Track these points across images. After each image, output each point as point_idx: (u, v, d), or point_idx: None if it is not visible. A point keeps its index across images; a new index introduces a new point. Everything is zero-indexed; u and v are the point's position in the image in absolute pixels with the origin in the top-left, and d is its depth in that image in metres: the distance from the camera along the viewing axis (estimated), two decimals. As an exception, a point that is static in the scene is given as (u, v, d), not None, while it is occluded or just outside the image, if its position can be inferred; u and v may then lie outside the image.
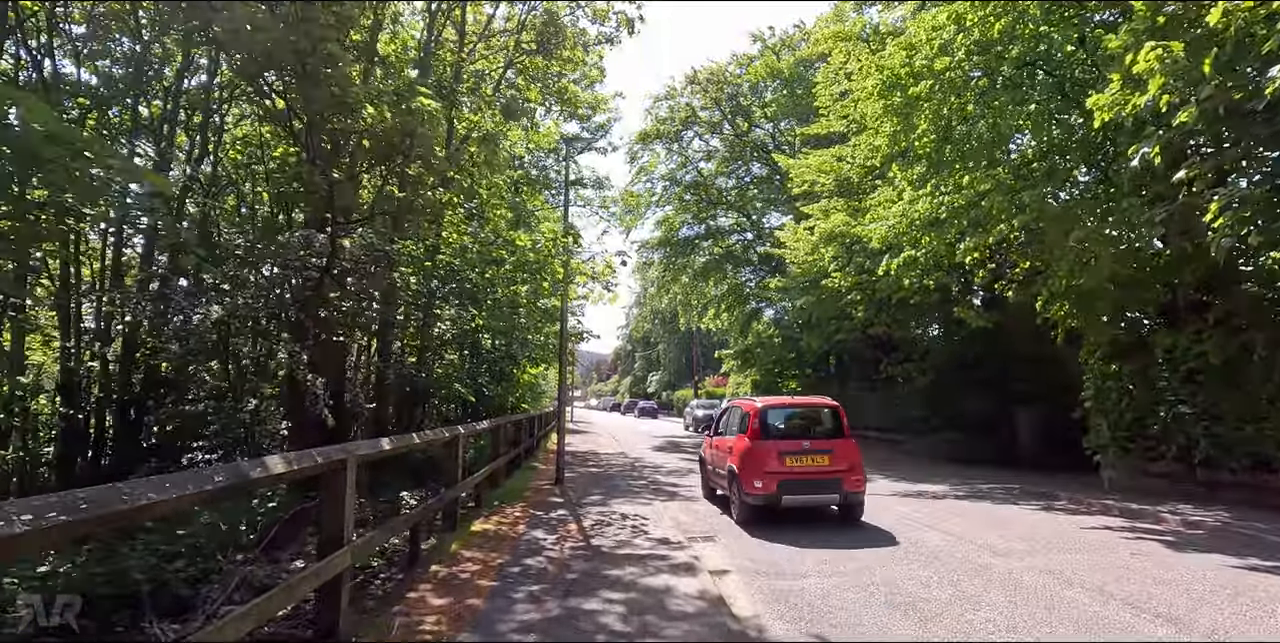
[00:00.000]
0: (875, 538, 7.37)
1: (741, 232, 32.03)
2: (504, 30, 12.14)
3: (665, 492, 10.99)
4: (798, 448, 8.16)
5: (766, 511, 8.04)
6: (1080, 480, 11.87)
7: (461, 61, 10.13)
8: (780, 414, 8.95)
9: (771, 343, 27.09)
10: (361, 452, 4.02)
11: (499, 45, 12.04)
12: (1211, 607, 4.80)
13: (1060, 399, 14.83)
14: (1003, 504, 9.79)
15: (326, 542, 3.74)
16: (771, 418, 8.74)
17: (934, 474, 13.60)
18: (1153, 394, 10.08)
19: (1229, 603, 4.88)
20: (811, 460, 8.09)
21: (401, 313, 10.34)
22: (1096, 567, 6.01)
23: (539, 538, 6.86)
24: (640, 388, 69.49)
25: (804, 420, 9.02)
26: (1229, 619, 4.53)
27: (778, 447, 8.12)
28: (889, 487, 11.78)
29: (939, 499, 10.26)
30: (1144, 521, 8.38)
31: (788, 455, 8.03)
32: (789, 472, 7.94)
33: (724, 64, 29.71)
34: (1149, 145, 7.30)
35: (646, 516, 8.40)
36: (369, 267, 8.00)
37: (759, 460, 8.02)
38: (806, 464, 8.05)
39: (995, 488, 11.45)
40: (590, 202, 25.57)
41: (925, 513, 8.91)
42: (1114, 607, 4.78)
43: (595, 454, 18.12)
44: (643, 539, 6.97)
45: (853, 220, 15.84)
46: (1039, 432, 15.58)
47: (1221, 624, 4.43)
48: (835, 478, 8.02)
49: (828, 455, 8.14)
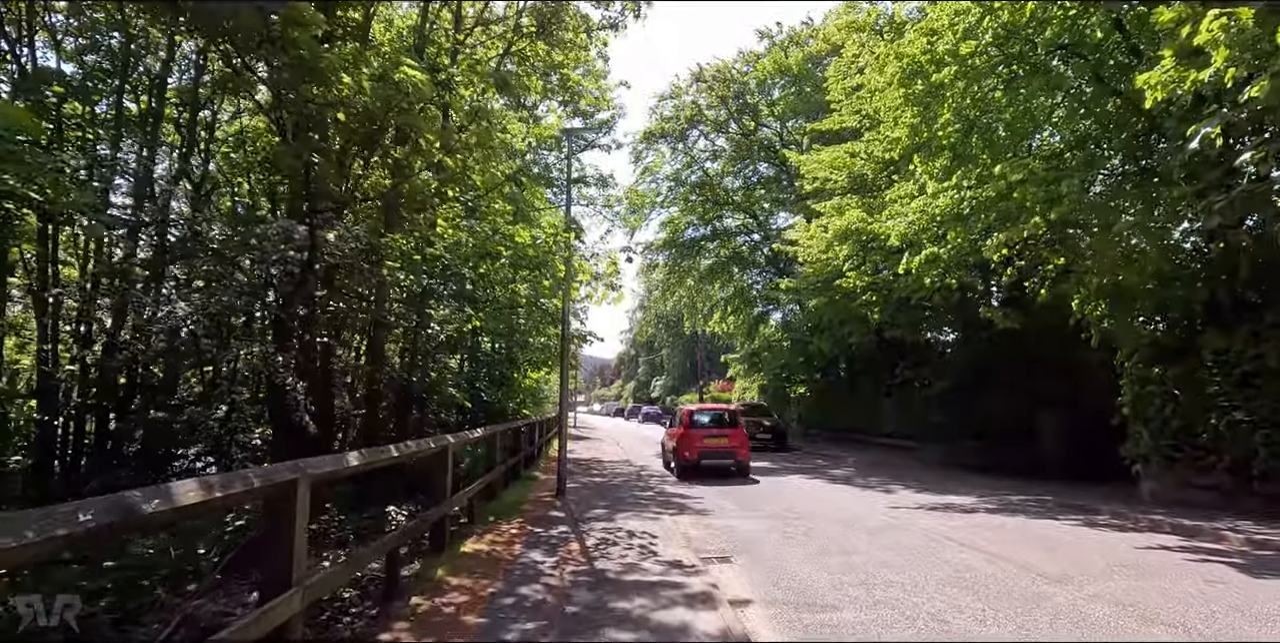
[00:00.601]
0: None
1: (748, 233, 31.35)
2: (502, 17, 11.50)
3: (674, 504, 10.27)
4: (710, 433, 13.97)
5: (693, 469, 13.75)
6: (1116, 492, 11.12)
7: (459, 45, 9.50)
8: (703, 414, 14.91)
9: (779, 347, 26.38)
10: (318, 470, 3.32)
11: (497, 33, 11.40)
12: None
13: (1089, 405, 14.09)
14: (1039, 519, 9.04)
15: (269, 582, 3.05)
16: (696, 416, 14.63)
17: (957, 484, 12.85)
18: (1201, 400, 9.33)
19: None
20: (717, 441, 13.85)
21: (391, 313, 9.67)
22: (1170, 597, 5.28)
23: (537, 562, 6.15)
24: (644, 393, 68.89)
25: (715, 417, 14.86)
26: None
27: (699, 433, 13.94)
28: (912, 498, 11.05)
29: (969, 513, 9.53)
30: (1202, 539, 7.63)
31: (705, 438, 13.82)
32: (705, 446, 13.70)
33: (730, 61, 29.11)
34: (1211, 124, 6.60)
35: (655, 533, 7.68)
36: (356, 262, 7.34)
37: (689, 440, 13.82)
38: (715, 443, 13.78)
39: (1027, 500, 10.70)
40: (594, 201, 24.89)
41: (956, 528, 8.17)
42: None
43: (599, 462, 17.40)
44: (652, 562, 6.26)
45: (869, 217, 15.13)
46: (1066, 439, 14.80)
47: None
48: (731, 450, 13.77)
49: (727, 438, 13.96)
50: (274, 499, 3.03)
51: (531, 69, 11.64)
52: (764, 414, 23.49)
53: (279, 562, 3.02)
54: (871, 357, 22.31)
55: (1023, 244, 10.60)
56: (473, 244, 8.36)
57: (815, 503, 10.51)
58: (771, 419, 22.80)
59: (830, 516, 9.23)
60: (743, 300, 31.55)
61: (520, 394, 20.22)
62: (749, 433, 21.01)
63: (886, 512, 9.60)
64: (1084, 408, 14.17)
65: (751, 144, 29.20)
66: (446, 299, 8.99)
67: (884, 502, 10.68)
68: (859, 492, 11.99)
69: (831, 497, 11.29)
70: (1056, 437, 15.06)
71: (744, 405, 25.38)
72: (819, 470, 15.59)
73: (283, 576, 3.00)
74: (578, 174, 23.17)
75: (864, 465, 16.85)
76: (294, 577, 3.03)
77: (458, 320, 10.41)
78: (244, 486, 2.69)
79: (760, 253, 31.21)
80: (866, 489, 12.32)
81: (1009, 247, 10.52)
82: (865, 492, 11.96)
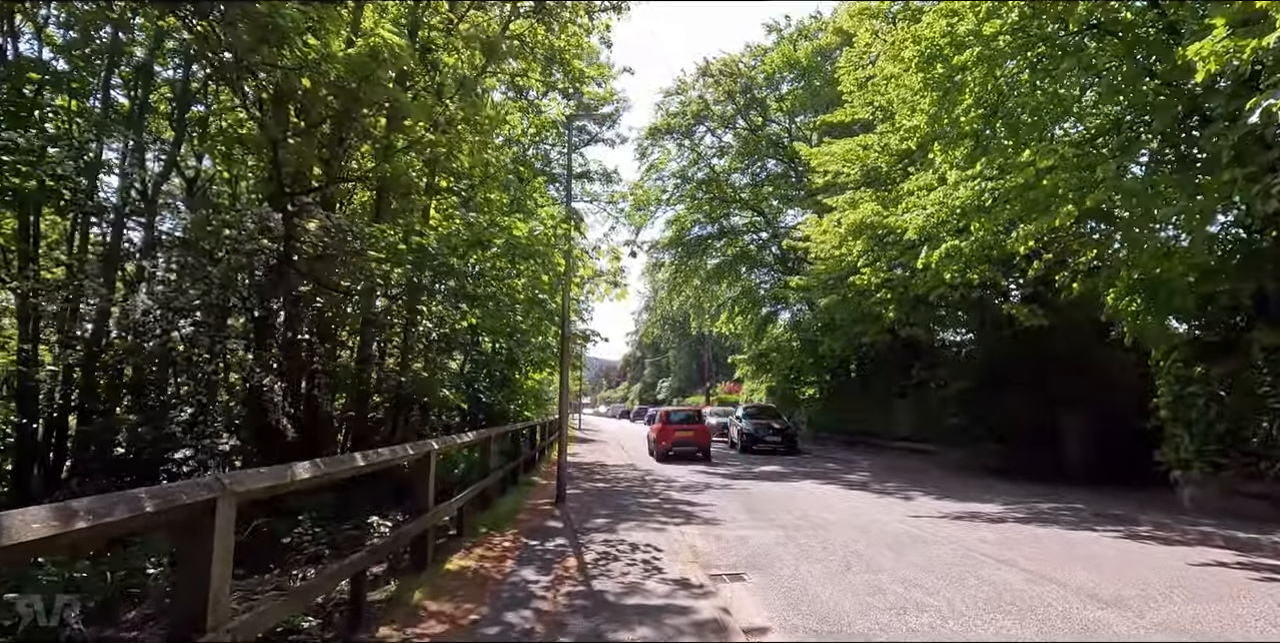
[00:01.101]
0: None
1: (756, 231, 30.71)
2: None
3: (680, 513, 9.65)
4: (681, 428, 18.49)
5: (666, 455, 18.27)
6: (1152, 499, 10.44)
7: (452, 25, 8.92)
8: (675, 414, 20.10)
9: (789, 347, 25.70)
10: (246, 486, 2.73)
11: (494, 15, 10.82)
12: None
13: (1116, 406, 13.40)
14: (1076, 530, 8.38)
15: (179, 622, 2.46)
16: (671, 415, 19.76)
17: (979, 490, 12.18)
18: (1250, 401, 8.64)
19: None
20: (686, 433, 18.38)
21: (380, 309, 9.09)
22: (1246, 624, 4.64)
23: (528, 581, 5.55)
24: (650, 395, 68.35)
25: (684, 416, 19.84)
26: None
27: (673, 428, 18.49)
28: (934, 505, 10.39)
29: (997, 522, 8.87)
30: (1261, 554, 6.96)
31: (677, 432, 18.32)
32: (676, 438, 18.20)
33: (738, 56, 28.46)
34: (1276, 96, 5.95)
35: (660, 545, 7.06)
36: (340, 253, 6.76)
37: (665, 433, 18.42)
38: (683, 435, 18.30)
39: (1058, 509, 10.03)
40: (598, 197, 24.27)
41: (988, 541, 7.52)
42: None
43: (603, 466, 16.79)
44: (656, 581, 5.65)
45: (884, 210, 14.47)
46: (1092, 443, 14.10)
47: None
48: (696, 440, 18.29)
49: (693, 432, 18.47)
50: (183, 526, 2.44)
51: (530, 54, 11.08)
52: (773, 416, 22.81)
53: (189, 604, 2.42)
54: (884, 357, 21.62)
55: (1052, 236, 9.94)
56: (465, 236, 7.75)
57: (831, 511, 9.87)
58: (781, 422, 22.12)
59: (849, 525, 8.59)
60: (750, 300, 30.90)
61: (522, 396, 19.63)
62: (759, 435, 20.40)
63: (909, 521, 8.95)
64: (1111, 410, 13.48)
65: (759, 140, 28.53)
66: (437, 294, 8.39)
67: (905, 509, 10.03)
68: (876, 498, 11.33)
69: (848, 504, 10.65)
70: (1082, 440, 14.37)
71: (752, 407, 24.71)
72: (832, 475, 14.93)
73: (194, 620, 2.41)
74: (581, 169, 22.57)
75: (879, 470, 16.18)
76: (210, 621, 2.44)
77: (452, 317, 9.82)
78: (129, 510, 2.10)
79: (768, 251, 30.56)
80: (884, 495, 11.66)
81: (1036, 239, 9.86)
82: (883, 498, 11.31)
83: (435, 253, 6.67)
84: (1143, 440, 13.32)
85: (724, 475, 14.79)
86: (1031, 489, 12.35)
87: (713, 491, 12.13)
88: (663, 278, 35.39)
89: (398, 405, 9.74)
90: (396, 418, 10.20)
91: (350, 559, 4.06)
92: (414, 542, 5.46)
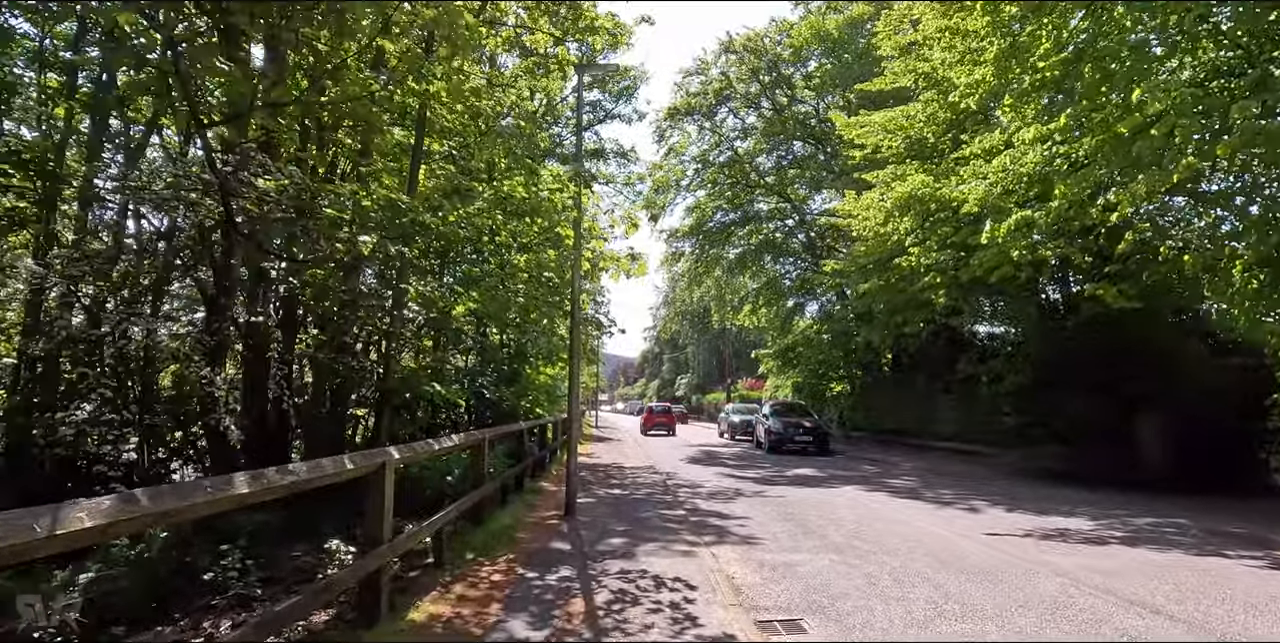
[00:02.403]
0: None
1: (781, 218, 29.06)
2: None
3: (710, 528, 8.17)
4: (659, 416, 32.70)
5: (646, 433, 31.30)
6: (1267, 511, 8.83)
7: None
8: (656, 407, 35.24)
9: (818, 340, 24.01)
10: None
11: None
12: None
13: (1204, 404, 11.73)
14: (1203, 556, 6.78)
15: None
16: (653, 408, 35.18)
17: (1051, 500, 10.56)
18: None
19: None
20: (662, 419, 32.49)
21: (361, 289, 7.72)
22: None
23: (516, 641, 4.11)
24: (669, 392, 67.01)
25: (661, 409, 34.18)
26: None
27: (654, 417, 32.69)
28: (1009, 519, 8.82)
29: (1097, 544, 7.29)
30: None
31: (656, 419, 32.42)
32: (656, 423, 32.06)
33: (762, 31, 26.79)
34: None
35: (692, 580, 5.59)
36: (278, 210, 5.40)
37: (648, 419, 32.81)
38: (660, 419, 32.43)
39: (1159, 525, 8.43)
40: (614, 179, 22.74)
41: (1102, 572, 5.95)
42: None
43: (620, 468, 15.36)
44: (691, 637, 4.19)
45: (936, 183, 12.83)
46: (1174, 445, 12.42)
47: None
48: (667, 424, 32.27)
49: (666, 419, 32.59)
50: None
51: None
52: (803, 414, 21.22)
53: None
54: (925, 350, 19.95)
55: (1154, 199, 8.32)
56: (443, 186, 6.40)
57: (887, 525, 8.36)
58: (811, 420, 20.50)
59: (917, 547, 7.06)
60: (775, 291, 29.31)
61: (534, 392, 18.25)
62: (788, 435, 18.81)
63: (988, 541, 7.39)
64: (1198, 408, 11.81)
65: (785, 120, 26.83)
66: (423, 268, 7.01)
67: (975, 524, 8.48)
68: (936, 509, 9.77)
69: (904, 517, 9.10)
70: (1162, 442, 12.68)
71: (780, 405, 23.15)
72: (874, 480, 13.35)
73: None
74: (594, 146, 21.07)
75: (925, 474, 14.57)
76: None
77: (444, 300, 8.42)
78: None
79: (795, 239, 28.92)
80: (943, 506, 10.09)
81: (1137, 200, 8.23)
82: (943, 510, 9.74)
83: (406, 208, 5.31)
84: (1242, 443, 11.67)
85: (754, 480, 13.29)
86: (1111, 498, 10.72)
87: (744, 499, 10.65)
88: (681, 270, 33.82)
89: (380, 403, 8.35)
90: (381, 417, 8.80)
91: (234, 634, 2.64)
92: (362, 585, 4.04)
